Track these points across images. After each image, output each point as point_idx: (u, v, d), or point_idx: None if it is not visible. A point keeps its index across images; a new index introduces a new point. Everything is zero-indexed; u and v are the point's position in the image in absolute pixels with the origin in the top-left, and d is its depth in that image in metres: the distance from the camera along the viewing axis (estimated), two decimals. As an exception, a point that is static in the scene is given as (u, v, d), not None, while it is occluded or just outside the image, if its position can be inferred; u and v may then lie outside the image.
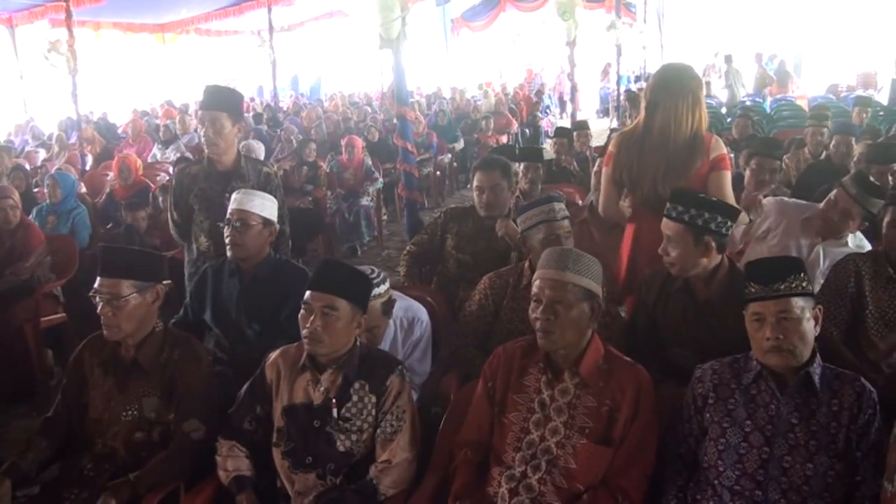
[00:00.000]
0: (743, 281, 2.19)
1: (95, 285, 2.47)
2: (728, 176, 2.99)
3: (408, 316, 3.05)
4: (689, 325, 2.66)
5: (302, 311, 2.34)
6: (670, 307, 2.72)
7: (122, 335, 2.49)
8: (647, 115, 3.04)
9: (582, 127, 7.76)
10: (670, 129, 2.97)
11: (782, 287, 2.07)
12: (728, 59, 14.22)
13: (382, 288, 2.76)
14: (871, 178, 3.56)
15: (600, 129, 12.45)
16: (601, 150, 4.15)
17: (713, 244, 2.56)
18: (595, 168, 3.86)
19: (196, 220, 3.54)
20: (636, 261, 3.19)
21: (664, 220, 2.63)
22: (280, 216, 3.57)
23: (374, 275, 2.71)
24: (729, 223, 2.59)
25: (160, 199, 6.28)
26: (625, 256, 3.27)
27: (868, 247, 3.46)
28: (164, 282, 2.61)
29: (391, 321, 2.92)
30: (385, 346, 2.90)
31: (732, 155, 5.10)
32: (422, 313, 3.11)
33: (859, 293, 2.87)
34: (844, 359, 2.65)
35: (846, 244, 3.45)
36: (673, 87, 2.98)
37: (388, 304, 2.84)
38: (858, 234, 3.53)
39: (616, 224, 3.75)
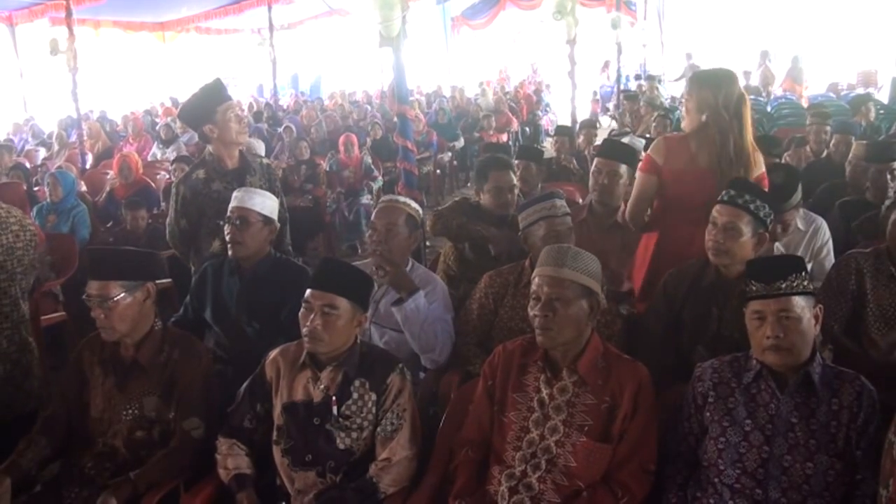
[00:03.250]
0: None
1: (87, 288, 2.48)
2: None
3: (425, 276, 3.12)
4: (720, 323, 2.63)
5: (302, 309, 2.34)
6: (700, 304, 2.68)
7: (118, 335, 2.50)
8: (701, 123, 2.98)
9: (589, 126, 7.73)
10: (741, 141, 2.94)
11: (783, 286, 2.07)
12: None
13: (414, 204, 3.13)
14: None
15: (600, 129, 12.41)
16: (600, 151, 4.10)
17: (766, 237, 2.58)
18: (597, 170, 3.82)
19: (209, 225, 3.46)
20: (659, 268, 3.10)
21: (724, 207, 2.58)
22: (282, 208, 3.58)
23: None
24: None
25: (162, 200, 6.28)
26: (646, 263, 3.21)
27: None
28: (158, 280, 2.61)
29: (412, 276, 3.04)
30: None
31: None
32: (437, 278, 3.21)
33: (860, 291, 2.86)
34: (846, 348, 2.64)
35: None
36: (732, 96, 2.95)
37: (412, 220, 3.07)
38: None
39: (615, 224, 3.73)
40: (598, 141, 7.24)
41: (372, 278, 2.53)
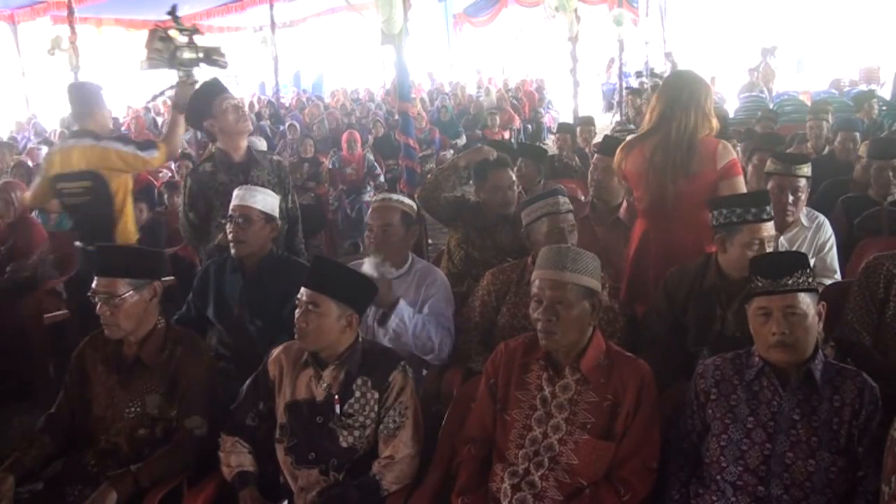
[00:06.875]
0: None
1: (93, 285, 2.48)
2: (741, 180, 3.03)
3: (425, 269, 3.14)
4: (723, 323, 2.64)
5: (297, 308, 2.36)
6: (703, 305, 2.69)
7: (123, 333, 2.51)
8: (659, 121, 3.08)
9: (587, 122, 7.73)
10: (679, 135, 3.00)
11: (790, 282, 2.07)
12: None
13: (407, 200, 3.16)
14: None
15: (603, 126, 12.40)
16: (599, 147, 4.14)
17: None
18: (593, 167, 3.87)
19: (216, 218, 3.46)
20: (643, 266, 3.17)
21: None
22: (293, 205, 3.59)
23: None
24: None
25: (165, 195, 6.28)
26: (629, 262, 3.26)
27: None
28: (163, 278, 2.61)
29: (412, 271, 3.08)
30: (401, 286, 3.04)
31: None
32: (438, 271, 3.23)
33: (886, 296, 2.71)
34: (875, 362, 2.57)
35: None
36: (683, 95, 3.04)
37: (408, 216, 3.11)
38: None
39: (617, 220, 3.74)
40: (598, 138, 7.26)
41: (368, 279, 2.52)
